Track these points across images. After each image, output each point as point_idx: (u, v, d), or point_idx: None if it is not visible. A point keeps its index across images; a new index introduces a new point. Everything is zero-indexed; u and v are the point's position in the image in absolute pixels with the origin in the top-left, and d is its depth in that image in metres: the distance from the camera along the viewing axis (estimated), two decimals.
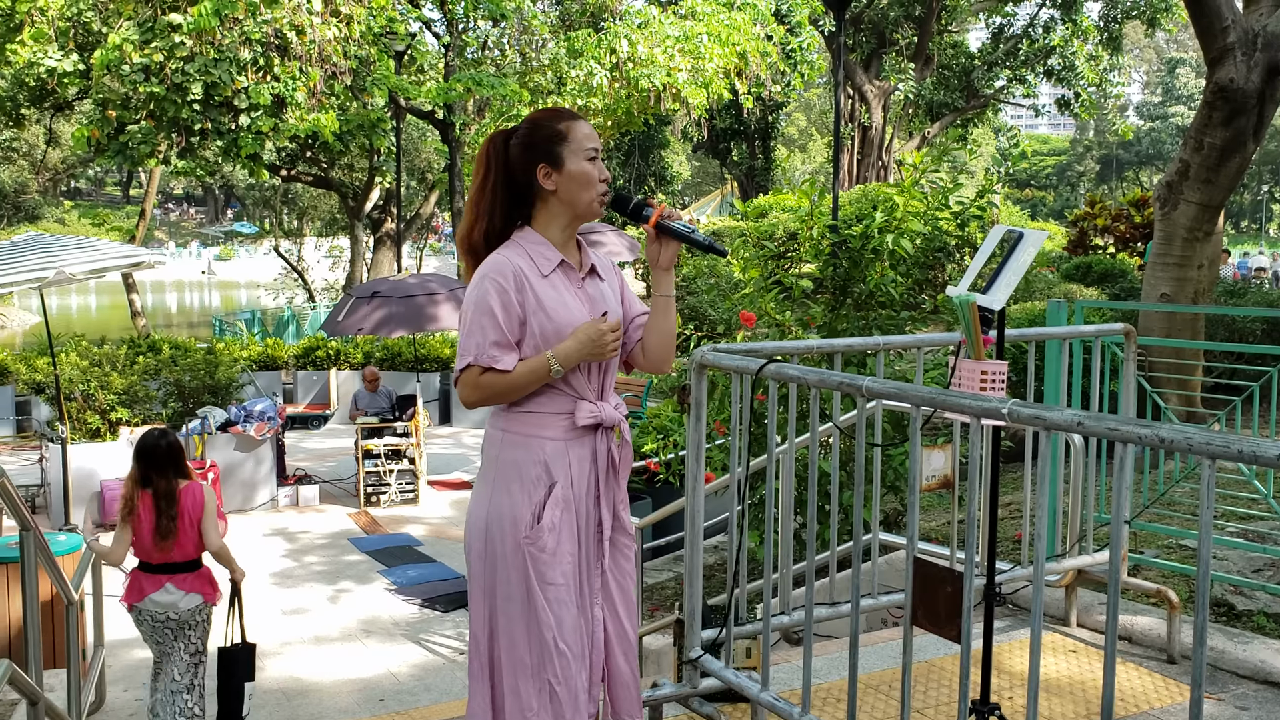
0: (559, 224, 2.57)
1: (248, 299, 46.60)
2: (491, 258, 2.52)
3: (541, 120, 2.57)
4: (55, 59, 15.25)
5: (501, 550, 2.49)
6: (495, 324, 2.46)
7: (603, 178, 2.56)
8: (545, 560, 2.47)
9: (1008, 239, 2.60)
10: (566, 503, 2.51)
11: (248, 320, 26.41)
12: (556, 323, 2.49)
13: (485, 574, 2.53)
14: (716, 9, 19.67)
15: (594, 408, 2.54)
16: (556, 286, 2.53)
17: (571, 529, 2.52)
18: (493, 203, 2.56)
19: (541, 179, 2.53)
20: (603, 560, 2.60)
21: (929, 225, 5.95)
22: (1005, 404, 2.12)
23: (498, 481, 2.53)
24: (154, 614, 5.03)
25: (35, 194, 37.22)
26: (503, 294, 2.46)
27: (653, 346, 2.67)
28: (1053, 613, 4.45)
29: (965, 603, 2.25)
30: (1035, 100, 34.23)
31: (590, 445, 2.56)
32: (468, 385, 2.49)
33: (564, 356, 2.47)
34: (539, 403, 2.52)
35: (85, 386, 10.74)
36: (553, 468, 2.51)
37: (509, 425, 2.55)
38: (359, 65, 16.34)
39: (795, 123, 73.24)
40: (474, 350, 2.46)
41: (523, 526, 2.48)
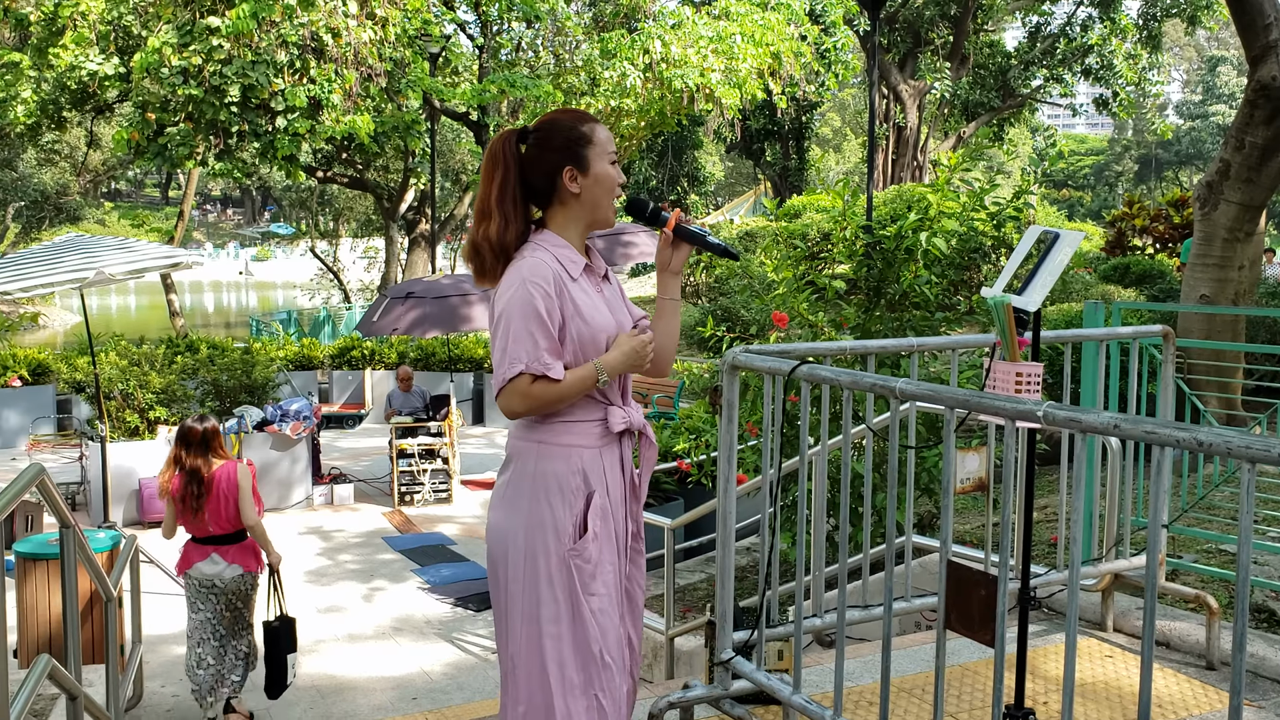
0: (577, 227, 2.52)
1: (284, 299, 47.05)
2: (526, 261, 2.42)
3: (563, 121, 2.51)
4: (96, 62, 15.46)
5: (546, 566, 2.41)
6: (545, 330, 2.37)
7: (620, 181, 2.52)
8: (589, 571, 2.41)
9: (1044, 239, 2.58)
10: (604, 511, 2.46)
11: (284, 320, 26.65)
12: (592, 328, 2.44)
13: (525, 597, 2.43)
14: (750, 9, 19.64)
15: (623, 412, 2.51)
16: (586, 290, 2.49)
17: (610, 538, 2.47)
18: (504, 205, 2.46)
19: (567, 182, 2.47)
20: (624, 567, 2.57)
21: (964, 225, 5.90)
22: (1040, 406, 2.10)
23: (535, 493, 2.43)
24: (201, 581, 5.58)
25: (76, 195, 37.71)
26: (547, 299, 2.38)
27: (659, 350, 2.60)
28: (1089, 617, 4.41)
29: (999, 607, 2.23)
30: (1073, 99, 33.93)
31: (618, 451, 2.52)
32: (517, 394, 2.38)
33: (610, 367, 2.42)
34: (573, 412, 2.46)
35: (124, 386, 10.87)
36: (590, 476, 2.45)
37: (544, 436, 2.46)
38: (394, 67, 16.46)
39: (829, 123, 72.93)
40: (525, 358, 2.36)
41: (566, 539, 2.41)
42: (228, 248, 70.37)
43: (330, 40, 15.03)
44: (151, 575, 8.16)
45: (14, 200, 36.00)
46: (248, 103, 14.90)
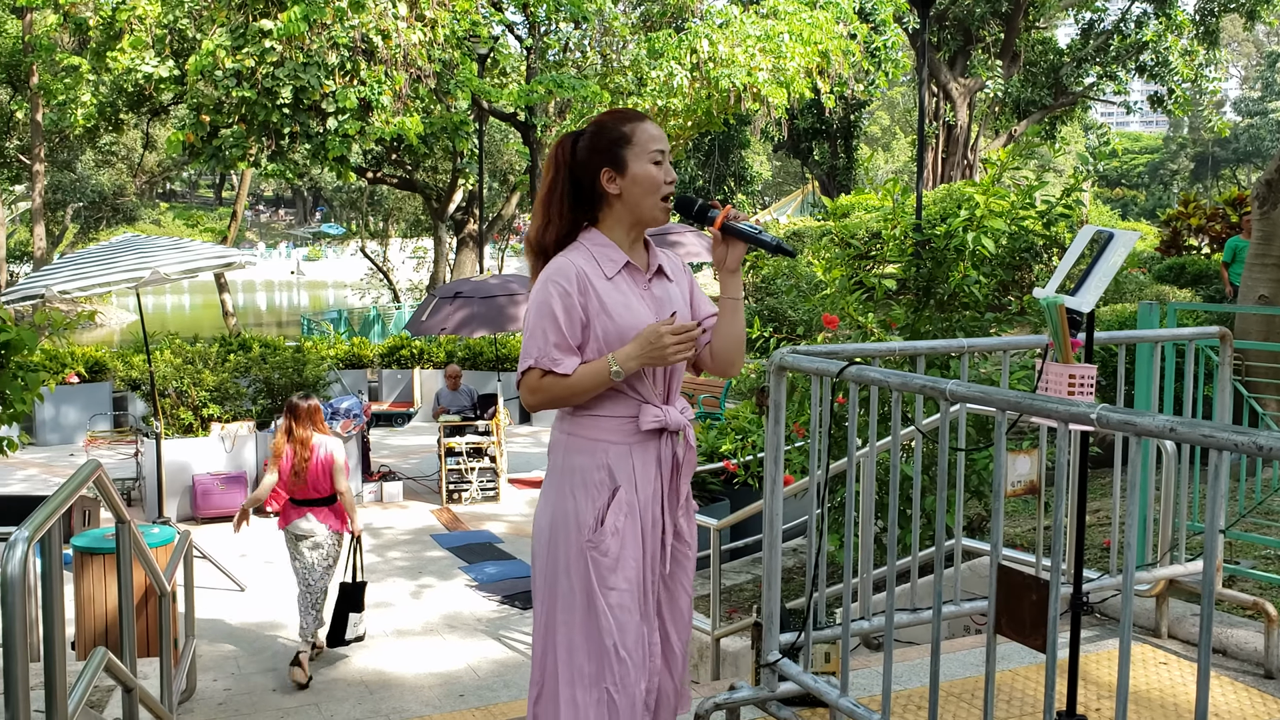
0: (624, 226, 2.56)
1: (335, 299, 47.56)
2: (555, 261, 2.51)
3: (607, 123, 2.55)
4: (152, 65, 15.72)
5: (565, 556, 2.47)
6: (556, 327, 2.44)
7: (668, 180, 2.51)
8: (607, 565, 2.44)
9: (1098, 239, 2.54)
10: (630, 508, 2.48)
11: (334, 320, 26.94)
12: (620, 325, 2.47)
13: (546, 583, 2.51)
14: (799, 8, 19.53)
15: (659, 411, 2.51)
16: (621, 289, 2.51)
17: (636, 535, 2.49)
18: (560, 205, 2.54)
19: (605, 183, 2.51)
20: (661, 567, 2.56)
21: (1013, 224, 5.83)
22: (1094, 409, 2.07)
23: (562, 486, 2.51)
24: (296, 536, 6.58)
25: (133, 196, 38.39)
26: (565, 297, 2.45)
27: (721, 349, 2.62)
28: (1142, 623, 4.33)
29: (1051, 611, 2.20)
30: (1126, 97, 33.36)
31: (655, 450, 2.53)
32: (529, 388, 2.49)
33: (624, 359, 2.43)
34: (603, 406, 2.50)
35: (179, 383, 11.05)
36: (616, 472, 2.48)
37: (573, 429, 2.53)
38: (443, 68, 16.57)
39: (878, 121, 72.40)
40: (535, 353, 2.45)
41: (585, 530, 2.45)
42: (279, 248, 71.23)
43: (380, 42, 15.17)
44: (204, 570, 8.29)
45: (73, 201, 36.71)
46: (299, 104, 15.08)
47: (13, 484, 11.37)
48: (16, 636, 2.55)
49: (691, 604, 2.65)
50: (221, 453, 10.52)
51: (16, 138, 32.18)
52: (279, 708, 6.04)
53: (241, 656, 6.96)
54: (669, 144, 2.58)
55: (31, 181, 28.71)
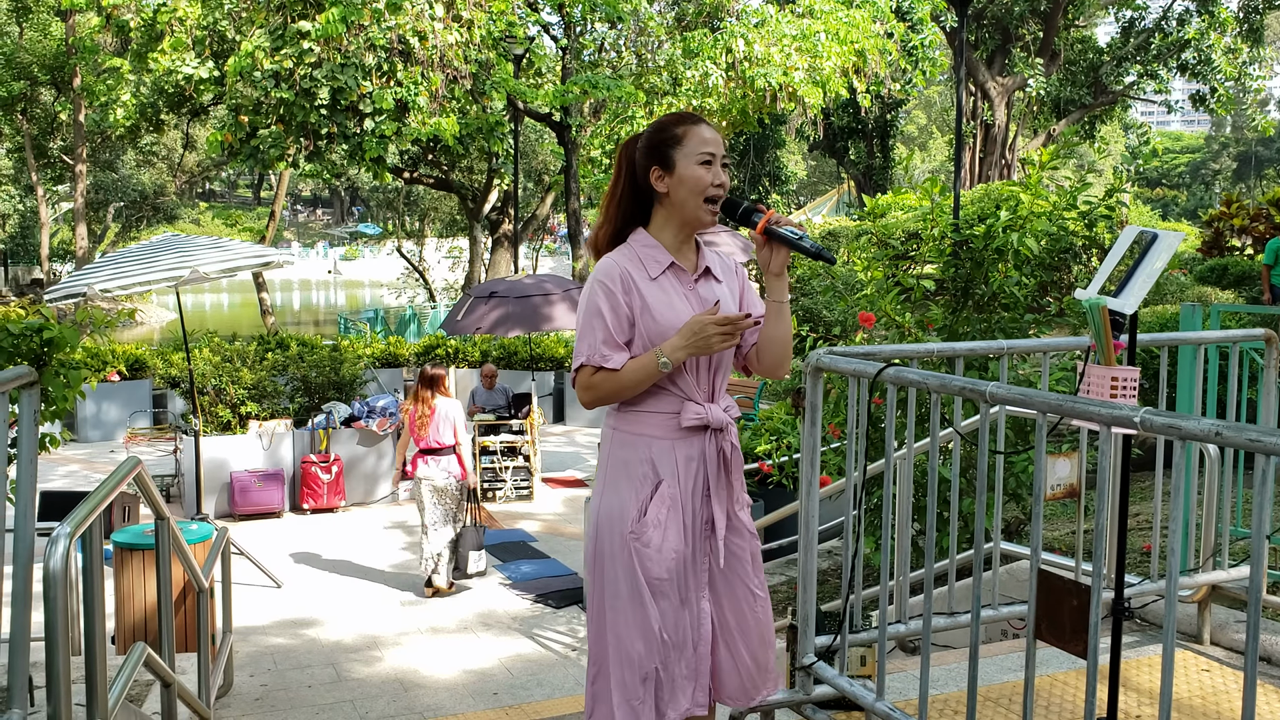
0: (671, 226, 2.61)
1: (371, 298, 47.88)
2: (601, 262, 2.59)
3: (665, 123, 2.61)
4: (192, 66, 15.89)
5: (610, 547, 2.56)
6: (604, 325, 2.52)
7: (716, 182, 2.54)
8: (650, 555, 2.52)
9: (1141, 241, 2.50)
10: (673, 500, 2.55)
11: (371, 319, 27.11)
12: (661, 324, 2.53)
13: (594, 575, 2.61)
14: (835, 6, 19.44)
15: (700, 409, 2.56)
16: (665, 289, 2.57)
17: (679, 527, 2.55)
18: (617, 205, 2.63)
19: (654, 181, 2.58)
20: (712, 559, 2.61)
21: (1055, 225, 5.76)
22: (1138, 412, 2.03)
23: (609, 479, 2.60)
24: (424, 480, 8.06)
25: (173, 196, 38.85)
26: (610, 296, 2.52)
27: (767, 352, 2.66)
28: (1185, 629, 4.27)
29: (1093, 617, 2.17)
30: (1168, 96, 32.92)
31: (699, 445, 2.58)
32: (583, 385, 2.56)
33: (671, 351, 2.49)
34: (647, 403, 2.57)
35: (217, 381, 11.16)
36: (659, 466, 2.55)
37: (619, 424, 2.61)
38: (479, 69, 16.63)
39: (915, 120, 71.95)
40: (586, 351, 2.53)
41: (629, 522, 2.54)
42: (317, 247, 71.79)
43: (417, 43, 15.25)
44: (242, 567, 8.37)
45: (115, 200, 37.20)
46: (337, 105, 15.19)
47: (55, 479, 11.53)
48: (58, 631, 2.57)
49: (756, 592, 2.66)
50: (259, 450, 10.61)
51: (60, 138, 32.65)
52: (314, 704, 6.08)
53: (278, 653, 7.01)
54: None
55: (74, 181, 29.12)
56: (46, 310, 4.23)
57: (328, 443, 10.84)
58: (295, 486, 10.78)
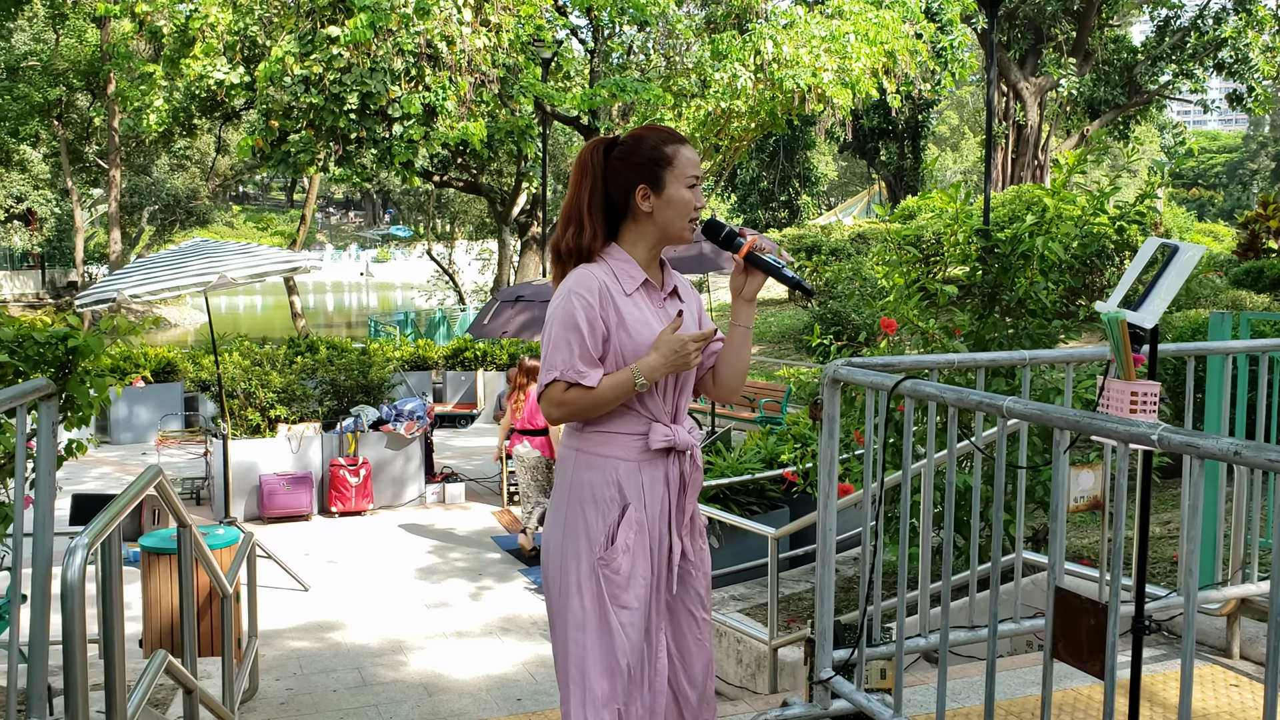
0: (646, 244, 2.56)
1: (403, 300, 48.16)
2: (576, 273, 2.51)
3: (647, 138, 2.55)
4: (223, 71, 16.03)
5: (576, 573, 2.46)
6: (581, 340, 2.44)
7: (698, 205, 2.52)
8: (619, 583, 2.44)
9: (1163, 252, 2.46)
10: (640, 525, 2.48)
11: (400, 322, 27.25)
12: (637, 342, 2.48)
13: (559, 601, 2.50)
14: (864, 7, 19.36)
15: (668, 430, 2.51)
16: (639, 305, 2.52)
17: (645, 552, 2.48)
18: (589, 214, 2.53)
19: (639, 199, 2.52)
20: (671, 587, 2.55)
21: (1083, 229, 5.69)
22: (1155, 429, 2.00)
23: (572, 502, 2.50)
24: (519, 458, 9.23)
25: (206, 199, 39.25)
26: (589, 310, 2.44)
27: (724, 376, 2.62)
28: (1213, 643, 4.21)
29: (1109, 638, 2.13)
30: (1204, 95, 32.53)
31: (663, 468, 2.53)
32: (552, 401, 2.47)
33: (649, 369, 2.44)
34: (613, 423, 2.50)
35: (246, 385, 11.24)
36: (626, 489, 2.48)
37: (583, 445, 2.53)
38: (507, 73, 16.67)
39: (947, 121, 71.51)
40: (560, 365, 2.44)
41: (596, 547, 2.45)
42: (349, 250, 72.32)
43: (445, 48, 15.31)
44: (269, 570, 8.42)
45: (148, 204, 37.61)
46: (365, 110, 15.28)
47: (87, 481, 11.66)
48: (76, 639, 2.60)
49: (706, 622, 2.62)
50: (288, 453, 10.68)
51: (95, 143, 33.06)
52: (339, 709, 6.10)
53: (304, 657, 7.05)
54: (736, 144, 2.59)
55: (109, 186, 29.46)
56: (72, 318, 4.26)
57: (356, 446, 10.90)
58: (323, 490, 10.84)
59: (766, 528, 5.93)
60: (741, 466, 7.74)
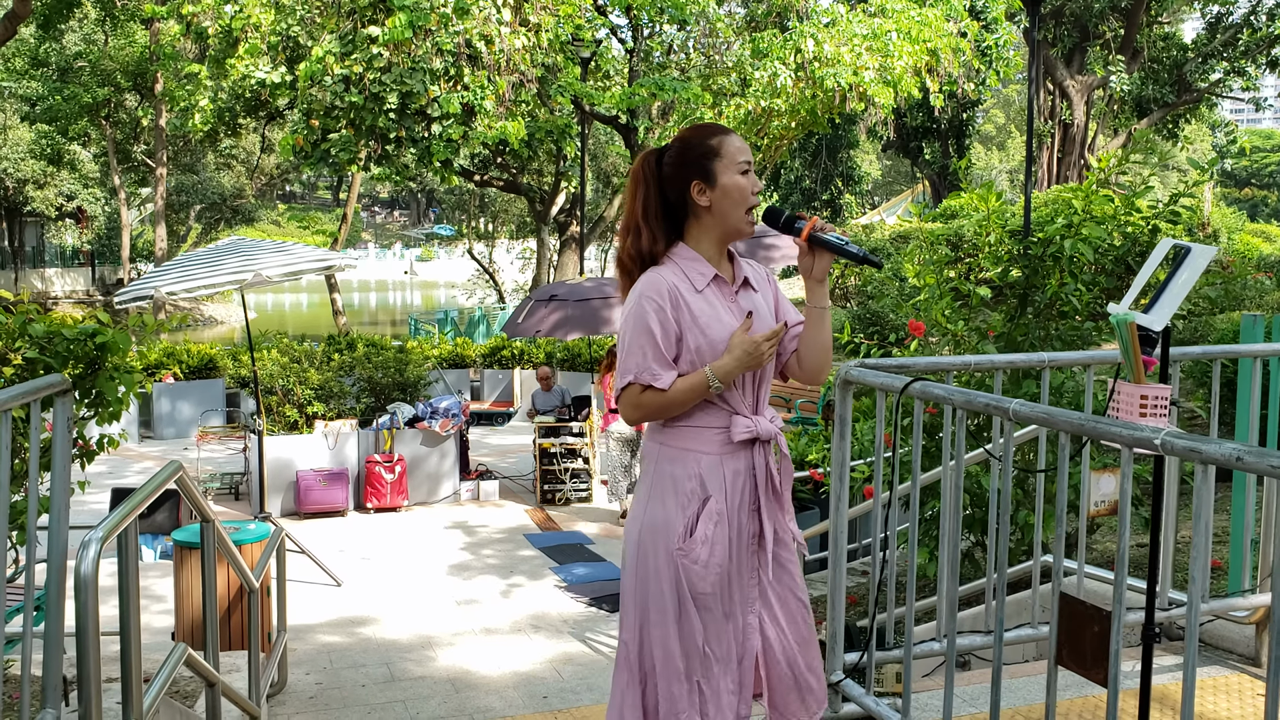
0: (711, 238, 2.60)
1: (445, 298, 48.49)
2: (646, 276, 2.56)
3: (693, 138, 2.61)
4: (265, 71, 16.21)
5: (654, 563, 2.54)
6: (653, 342, 2.50)
7: (754, 190, 2.56)
8: (697, 572, 2.51)
9: (1175, 254, 2.41)
10: (721, 516, 2.53)
11: (441, 320, 27.43)
12: (711, 338, 2.52)
13: (638, 588, 2.58)
14: (907, 5, 19.18)
15: (749, 422, 2.56)
16: (711, 301, 2.56)
17: (725, 542, 2.54)
18: (647, 221, 2.59)
19: (695, 195, 2.56)
20: (761, 571, 2.60)
21: (1112, 230, 5.60)
22: (1159, 434, 1.96)
23: (654, 493, 2.58)
24: (613, 434, 10.19)
25: (251, 198, 39.74)
26: (660, 312, 2.50)
27: (807, 358, 2.66)
28: (1241, 651, 4.13)
29: (1113, 645, 2.10)
30: (1256, 94, 31.92)
31: (747, 459, 2.57)
32: (629, 404, 2.55)
33: (723, 372, 2.50)
34: (695, 418, 2.56)
35: (285, 382, 11.37)
36: (708, 481, 2.53)
37: (666, 439, 2.59)
38: (546, 72, 16.71)
39: (993, 119, 70.76)
40: (634, 369, 2.51)
41: (675, 538, 2.52)
42: (394, 248, 72.91)
43: (484, 47, 15.38)
44: (304, 565, 8.50)
45: (195, 202, 38.15)
46: (405, 109, 15.38)
47: (129, 476, 11.84)
48: (89, 634, 2.63)
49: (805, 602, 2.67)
50: (324, 449, 10.78)
51: (143, 142, 33.58)
52: (367, 704, 6.15)
53: (334, 651, 7.11)
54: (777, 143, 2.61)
55: (155, 184, 29.93)
56: (102, 314, 4.33)
57: (391, 443, 10.99)
58: (359, 486, 10.94)
59: None
60: None
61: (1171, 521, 3.71)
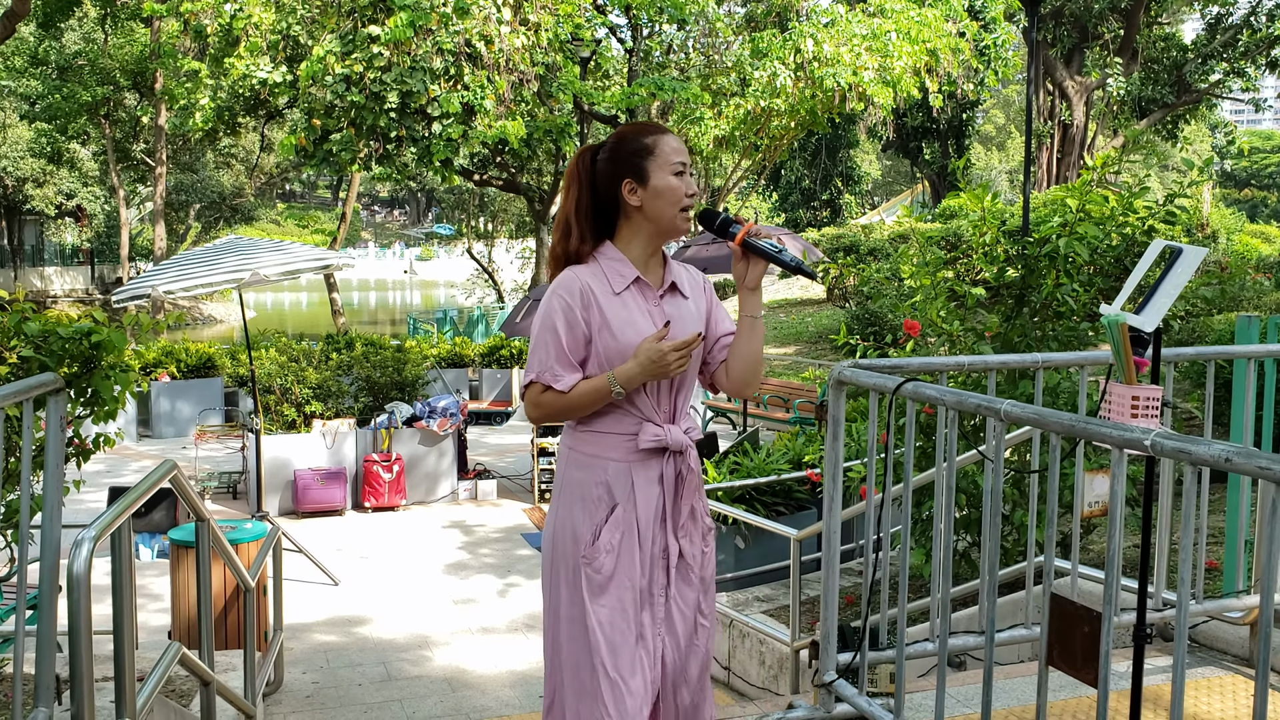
0: (641, 240, 2.54)
1: (445, 298, 48.49)
2: (562, 275, 2.51)
3: (628, 134, 2.54)
4: (266, 70, 16.21)
5: (562, 569, 2.49)
6: (558, 342, 2.45)
7: (689, 192, 2.49)
8: (599, 582, 2.44)
9: (1166, 255, 2.41)
10: (628, 526, 2.46)
11: (440, 319, 27.43)
12: (621, 342, 2.45)
13: (550, 595, 2.54)
14: (906, 6, 19.19)
15: (660, 430, 2.49)
16: (627, 305, 2.49)
17: (632, 554, 2.47)
18: (578, 219, 2.52)
19: (626, 194, 2.50)
20: (667, 589, 2.52)
21: (1108, 230, 5.60)
22: (1149, 435, 1.96)
23: (562, 499, 2.53)
24: None
25: (250, 197, 39.76)
26: (568, 311, 2.45)
27: (736, 369, 2.58)
28: (1236, 652, 4.14)
29: (1103, 645, 2.10)
30: (1256, 95, 31.93)
31: (658, 468, 2.50)
32: (531, 402, 2.50)
33: (625, 378, 2.42)
34: (604, 423, 2.50)
35: (283, 381, 11.36)
36: (614, 489, 2.47)
37: (575, 444, 2.54)
38: (545, 72, 16.71)
39: (993, 119, 70.77)
40: (537, 367, 2.47)
41: (581, 545, 2.46)
42: (394, 247, 72.93)
43: (484, 47, 15.38)
44: (301, 564, 8.50)
45: (194, 201, 38.16)
46: (405, 109, 15.38)
47: (127, 475, 11.84)
48: (81, 632, 2.63)
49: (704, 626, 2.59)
50: (322, 449, 10.78)
51: (142, 141, 33.59)
52: (364, 703, 6.16)
53: (330, 651, 7.12)
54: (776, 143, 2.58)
55: (155, 183, 29.93)
56: (98, 313, 4.34)
57: (389, 442, 10.99)
58: (357, 485, 10.94)
59: (789, 529, 5.90)
60: (768, 467, 7.71)
61: (1166, 522, 3.71)
